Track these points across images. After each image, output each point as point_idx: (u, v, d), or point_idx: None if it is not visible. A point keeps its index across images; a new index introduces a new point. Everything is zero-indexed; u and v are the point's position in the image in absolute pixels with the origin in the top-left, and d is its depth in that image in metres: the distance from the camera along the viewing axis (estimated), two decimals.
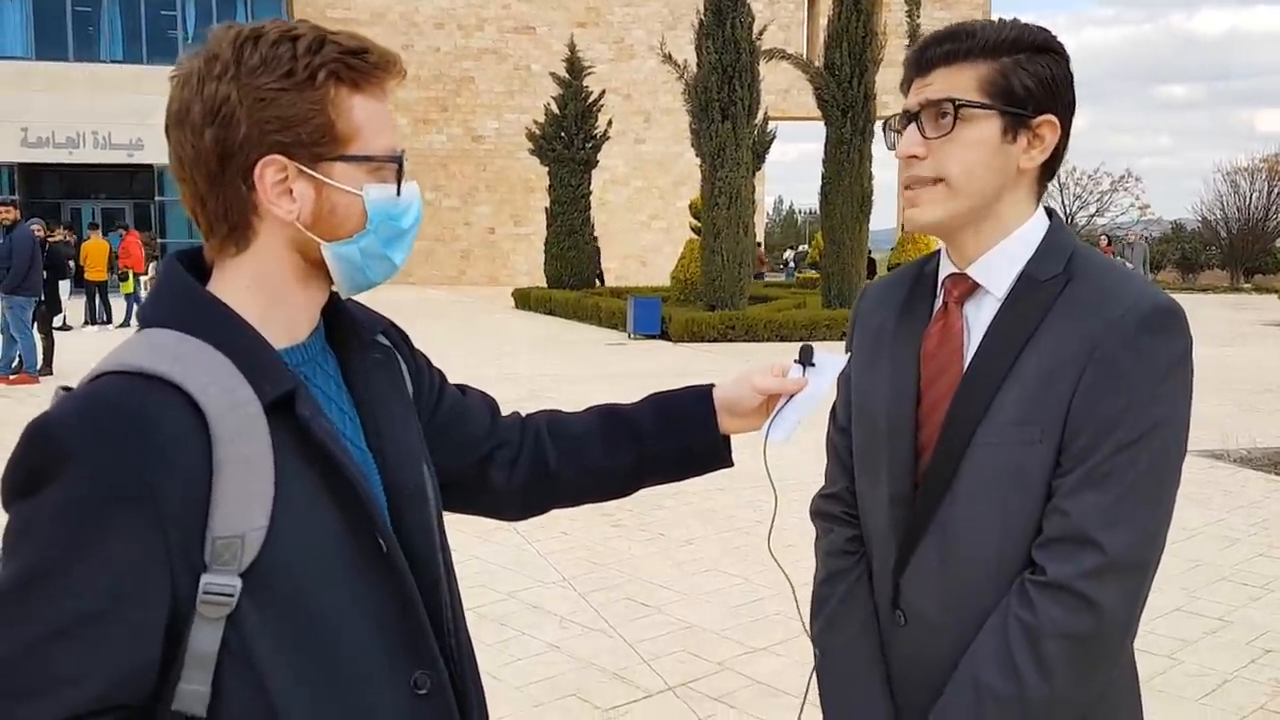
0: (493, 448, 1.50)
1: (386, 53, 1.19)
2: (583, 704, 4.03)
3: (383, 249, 1.22)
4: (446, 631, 1.27)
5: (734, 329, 18.20)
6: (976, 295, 1.44)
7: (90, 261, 20.03)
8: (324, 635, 1.12)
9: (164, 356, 1.09)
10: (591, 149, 27.59)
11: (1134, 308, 1.32)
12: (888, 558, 1.47)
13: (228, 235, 1.17)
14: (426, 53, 37.70)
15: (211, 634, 1.06)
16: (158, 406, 1.06)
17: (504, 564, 5.68)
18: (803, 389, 1.51)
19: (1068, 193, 46.50)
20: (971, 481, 1.37)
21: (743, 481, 1.51)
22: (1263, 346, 17.72)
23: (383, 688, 1.17)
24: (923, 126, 1.39)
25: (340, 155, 1.16)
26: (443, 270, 37.70)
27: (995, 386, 1.36)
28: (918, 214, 1.42)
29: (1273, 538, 6.31)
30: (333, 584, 1.13)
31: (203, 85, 1.12)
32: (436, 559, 1.27)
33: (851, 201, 19.41)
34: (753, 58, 19.29)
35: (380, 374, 1.31)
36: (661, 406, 1.58)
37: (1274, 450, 8.71)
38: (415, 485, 1.27)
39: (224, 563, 1.06)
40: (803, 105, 31.27)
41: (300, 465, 1.12)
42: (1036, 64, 1.37)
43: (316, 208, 1.16)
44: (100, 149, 31.70)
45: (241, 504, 1.07)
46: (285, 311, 1.20)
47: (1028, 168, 1.40)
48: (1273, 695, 4.12)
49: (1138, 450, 1.29)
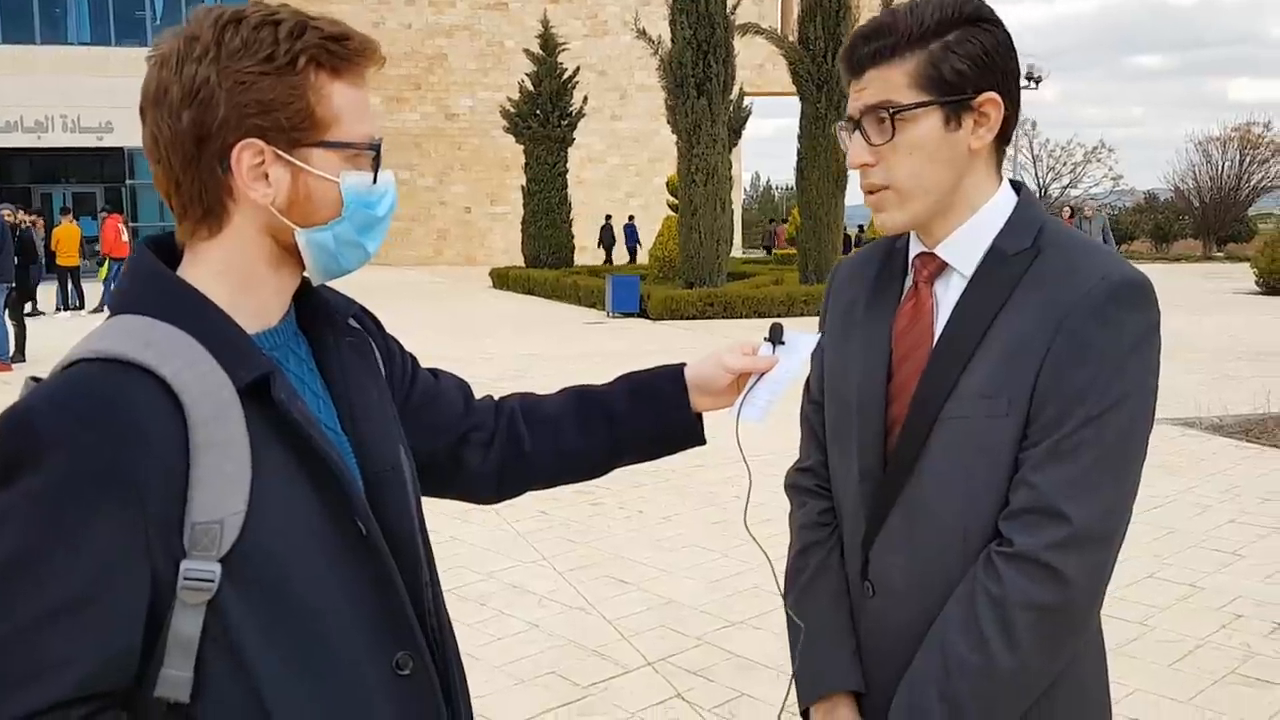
0: (467, 430, 1.51)
1: (367, 39, 1.19)
2: (562, 681, 4.06)
3: (357, 236, 1.22)
4: (427, 612, 1.27)
5: (712, 306, 18.22)
6: (945, 273, 1.44)
7: (62, 247, 19.81)
8: (305, 618, 1.13)
9: (137, 342, 1.09)
10: (567, 126, 27.50)
11: (1103, 280, 1.32)
12: (857, 529, 1.49)
13: (201, 218, 1.17)
14: (398, 29, 37.39)
15: (193, 619, 1.07)
16: (133, 392, 1.06)
17: (483, 544, 5.69)
18: (773, 367, 1.52)
19: (1041, 165, 46.71)
20: (939, 455, 1.38)
21: (721, 458, 1.53)
22: (1234, 315, 17.90)
23: (365, 669, 1.18)
24: (866, 133, 1.38)
25: (318, 141, 1.16)
26: (419, 250, 37.55)
27: (963, 361, 1.37)
28: (884, 219, 1.43)
29: (1243, 504, 6.39)
30: (313, 567, 1.14)
31: (182, 66, 1.12)
32: (415, 541, 1.28)
33: (827, 177, 19.43)
34: (727, 33, 19.22)
35: (354, 357, 1.31)
36: (634, 386, 1.59)
37: (1244, 417, 8.82)
38: (392, 467, 1.27)
39: (203, 548, 1.06)
40: (778, 80, 31.24)
41: (277, 449, 1.12)
42: (967, 42, 1.34)
43: (292, 193, 1.17)
44: (69, 132, 31.33)
45: (219, 489, 1.07)
46: (257, 296, 1.20)
47: (979, 147, 1.39)
48: (1243, 660, 4.19)
49: (1105, 422, 1.30)
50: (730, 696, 3.90)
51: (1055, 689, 1.38)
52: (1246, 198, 43.46)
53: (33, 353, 13.29)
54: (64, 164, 32.84)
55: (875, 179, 1.39)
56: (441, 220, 38.43)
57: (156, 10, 33.13)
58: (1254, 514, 6.20)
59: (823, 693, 1.51)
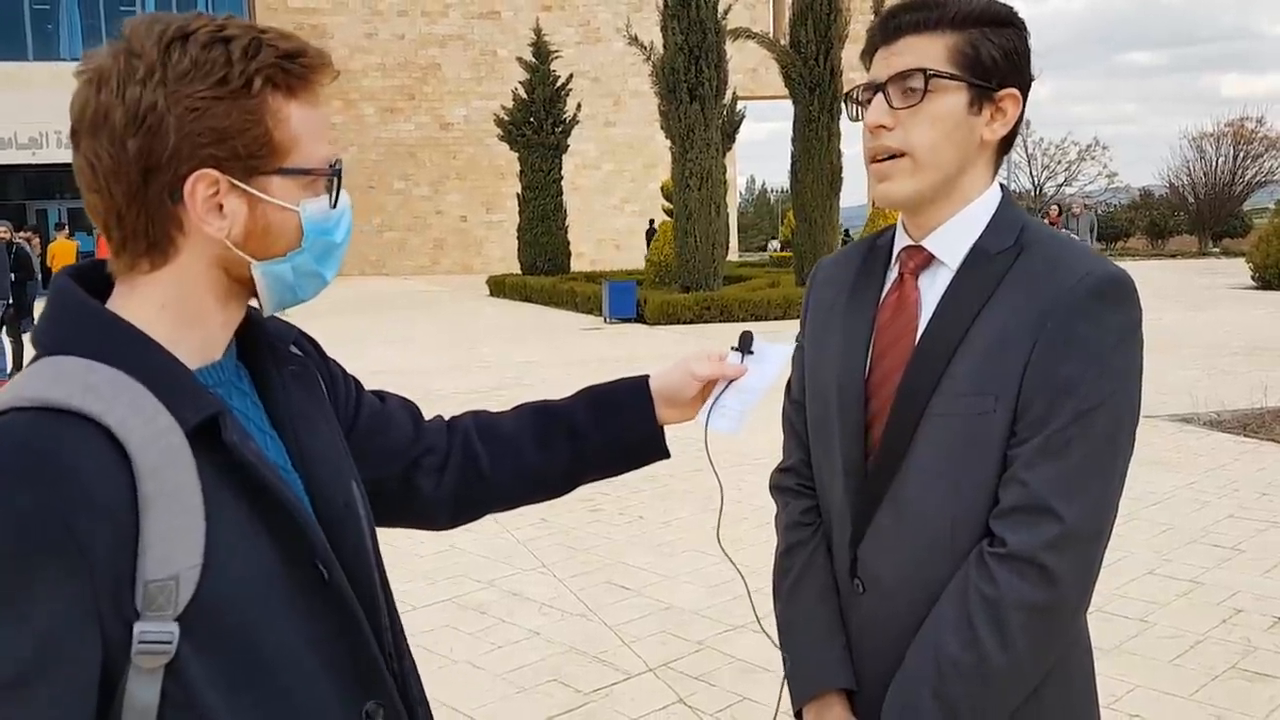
0: (418, 455, 1.43)
1: (321, 53, 1.11)
2: (564, 688, 4.05)
3: (315, 265, 1.14)
4: (389, 655, 1.21)
5: (709, 310, 18.23)
6: (932, 267, 1.46)
7: (58, 263, 19.81)
8: (269, 672, 1.06)
9: (74, 387, 0.99)
10: (561, 133, 27.53)
11: (1085, 278, 1.34)
12: (844, 527, 1.49)
13: (144, 252, 1.08)
14: (391, 40, 37.43)
15: (150, 686, 0.98)
16: (74, 443, 0.96)
17: (483, 552, 5.69)
18: (741, 376, 1.51)
19: (1035, 163, 46.75)
20: (926, 452, 1.39)
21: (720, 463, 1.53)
22: (1231, 310, 17.91)
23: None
24: (890, 97, 1.40)
25: (277, 169, 1.08)
26: (416, 260, 37.55)
27: (947, 357, 1.38)
28: (889, 188, 1.43)
29: (1242, 499, 6.40)
30: (274, 618, 1.06)
31: (123, 88, 1.03)
32: (373, 578, 1.21)
33: (821, 179, 19.45)
34: (719, 38, 19.25)
35: (299, 388, 1.23)
36: (596, 400, 1.53)
37: (1243, 412, 8.82)
38: (345, 504, 1.20)
39: (158, 608, 0.98)
40: (771, 84, 31.25)
41: (230, 495, 1.04)
42: (1002, 36, 1.39)
43: (249, 224, 1.08)
44: (64, 149, 30.05)
45: (172, 543, 0.98)
46: (201, 332, 1.11)
47: (990, 140, 1.42)
48: (1244, 655, 4.19)
49: (1092, 419, 1.31)
50: (732, 701, 3.90)
51: (1043, 686, 1.38)
52: (1241, 193, 43.49)
53: None
54: (59, 180, 32.79)
55: (891, 142, 1.41)
56: (438, 229, 38.42)
57: None
58: (1252, 509, 6.21)
59: (814, 692, 1.52)
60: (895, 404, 1.41)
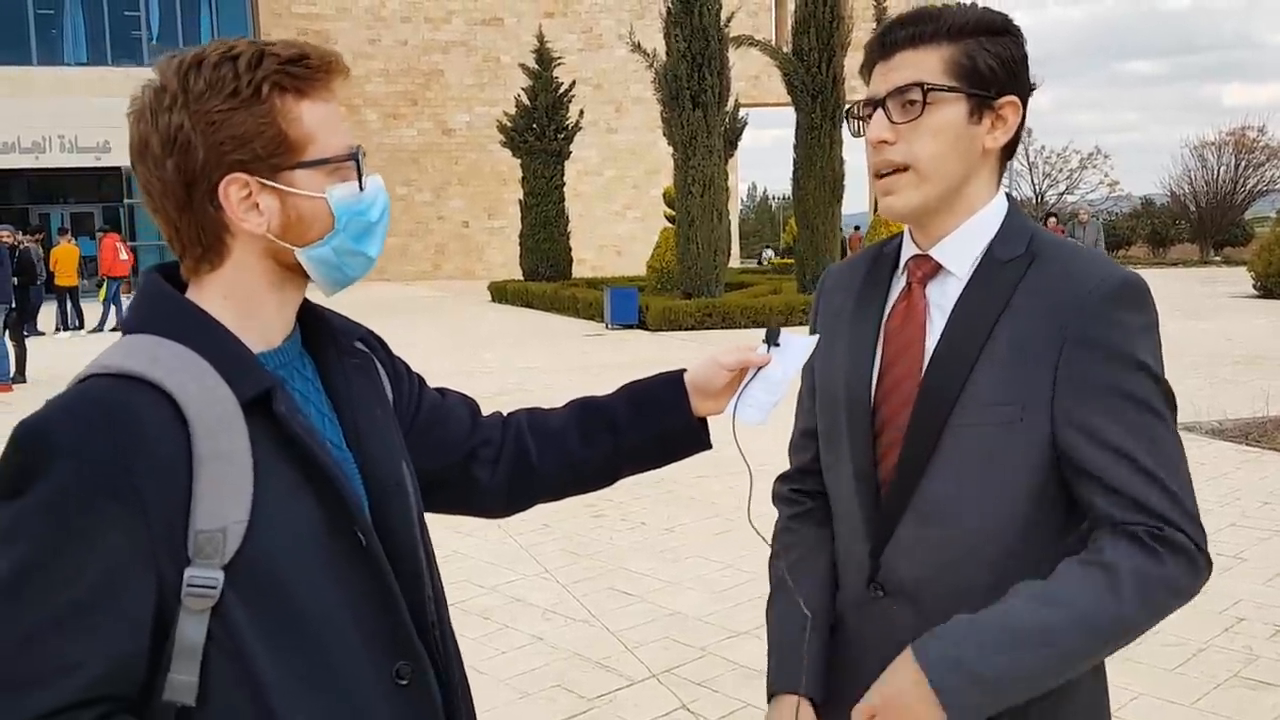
0: (475, 446, 1.53)
1: (326, 53, 1.21)
2: (568, 694, 4.06)
3: (355, 245, 1.25)
4: (431, 625, 1.30)
5: (711, 316, 18.24)
6: (939, 276, 1.47)
7: (60, 267, 19.83)
8: (306, 626, 1.15)
9: (144, 359, 1.13)
10: (564, 140, 27.58)
11: (1102, 283, 1.35)
12: (860, 536, 1.49)
13: (203, 255, 1.21)
14: (394, 46, 37.53)
15: (197, 626, 1.10)
16: (139, 404, 1.10)
17: (486, 558, 5.70)
18: (767, 364, 1.54)
19: (1037, 171, 46.77)
20: (951, 461, 1.39)
21: (724, 468, 1.54)
22: (1232, 319, 17.92)
23: (365, 677, 1.20)
24: (889, 112, 1.41)
25: (298, 163, 1.19)
26: (417, 265, 37.60)
27: (968, 367, 1.38)
28: (894, 202, 1.44)
29: (1244, 507, 6.40)
30: (313, 576, 1.16)
31: (156, 118, 1.16)
32: (418, 553, 1.31)
33: (823, 186, 19.48)
34: (721, 45, 19.29)
35: (358, 377, 1.34)
36: (635, 394, 1.61)
37: (1245, 421, 8.84)
38: (395, 482, 1.30)
39: (206, 556, 1.10)
40: (773, 91, 31.30)
41: (278, 461, 1.15)
42: (998, 45, 1.40)
43: (284, 217, 1.20)
44: (67, 152, 31.38)
45: (222, 498, 1.10)
46: (260, 318, 1.24)
47: (992, 148, 1.43)
48: (1246, 663, 4.20)
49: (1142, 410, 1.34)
50: (736, 707, 3.91)
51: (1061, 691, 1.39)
52: (1242, 201, 43.52)
53: (33, 373, 13.31)
54: (62, 184, 32.89)
55: (894, 156, 1.42)
56: (440, 235, 38.48)
57: (153, 30, 33.25)
58: (1255, 517, 6.21)
59: (773, 692, 1.58)
60: (916, 414, 1.41)
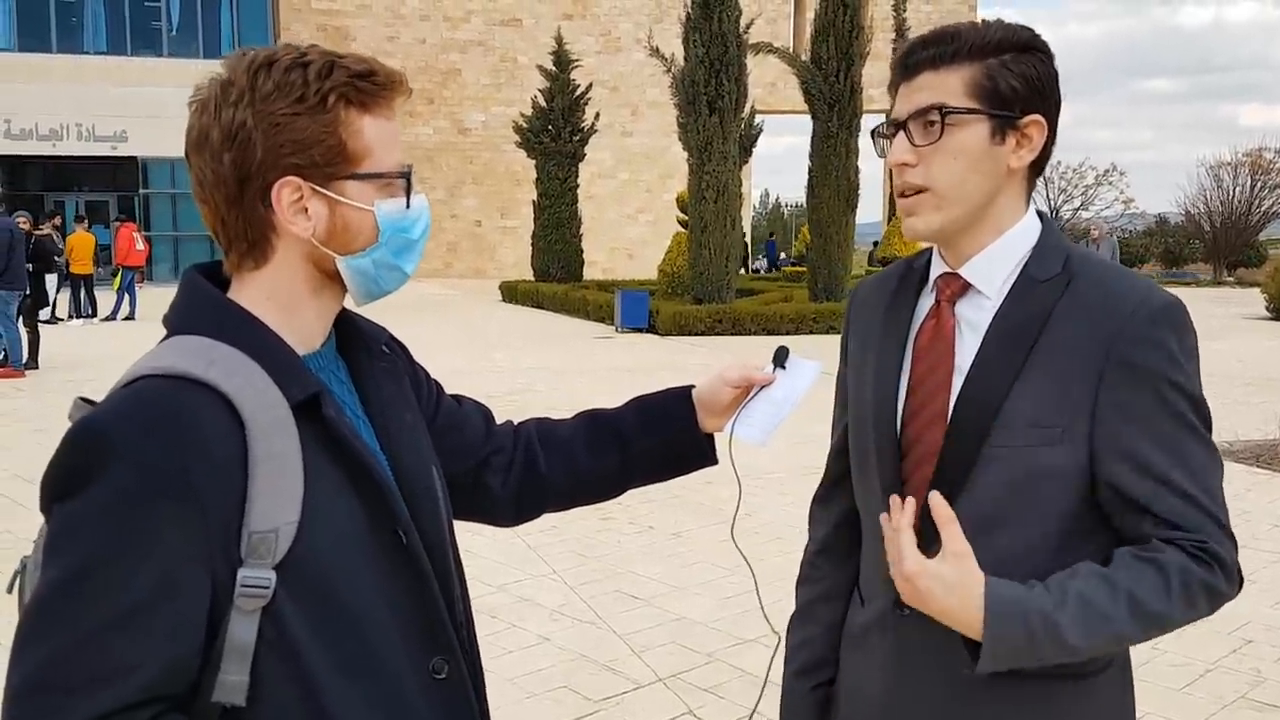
0: (488, 454, 1.56)
1: (393, 73, 1.24)
2: (573, 695, 4.07)
3: (394, 259, 1.27)
4: (460, 623, 1.33)
5: (721, 322, 18.24)
6: (969, 295, 1.46)
7: (75, 255, 19.90)
8: (352, 622, 1.18)
9: (200, 360, 1.14)
10: (579, 142, 27.58)
11: (1143, 305, 1.35)
12: (883, 549, 1.49)
13: (247, 251, 1.23)
14: (412, 45, 37.57)
15: (249, 626, 1.11)
16: (198, 406, 1.11)
17: (494, 557, 5.70)
18: (771, 384, 1.56)
19: (1053, 187, 46.66)
20: (989, 482, 1.38)
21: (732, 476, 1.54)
22: (1245, 339, 17.84)
23: (405, 673, 1.23)
24: (911, 134, 1.41)
25: (352, 174, 1.21)
26: (429, 263, 37.53)
27: (1007, 386, 1.37)
28: (916, 223, 1.44)
29: (1254, 529, 6.38)
30: (358, 574, 1.19)
31: (219, 111, 1.18)
32: (447, 554, 1.34)
33: (838, 195, 19.45)
34: (740, 51, 19.27)
35: (389, 381, 1.37)
36: (643, 407, 1.64)
37: (1256, 443, 8.80)
38: (425, 485, 1.33)
39: (259, 556, 1.11)
40: (789, 99, 31.30)
41: (325, 463, 1.18)
42: (1022, 64, 1.39)
43: (330, 224, 1.22)
44: (84, 141, 31.47)
45: (275, 500, 1.12)
46: (301, 321, 1.26)
47: (1017, 168, 1.42)
48: (1254, 685, 4.19)
49: (1184, 432, 1.35)
50: (741, 714, 3.90)
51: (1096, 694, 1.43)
52: (1258, 222, 43.31)
53: (46, 360, 13.36)
54: (78, 172, 32.98)
55: (915, 179, 1.42)
56: (452, 233, 38.50)
57: (172, 21, 33.35)
58: (1264, 539, 6.20)
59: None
60: (951, 433, 1.40)
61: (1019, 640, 1.28)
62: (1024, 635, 1.28)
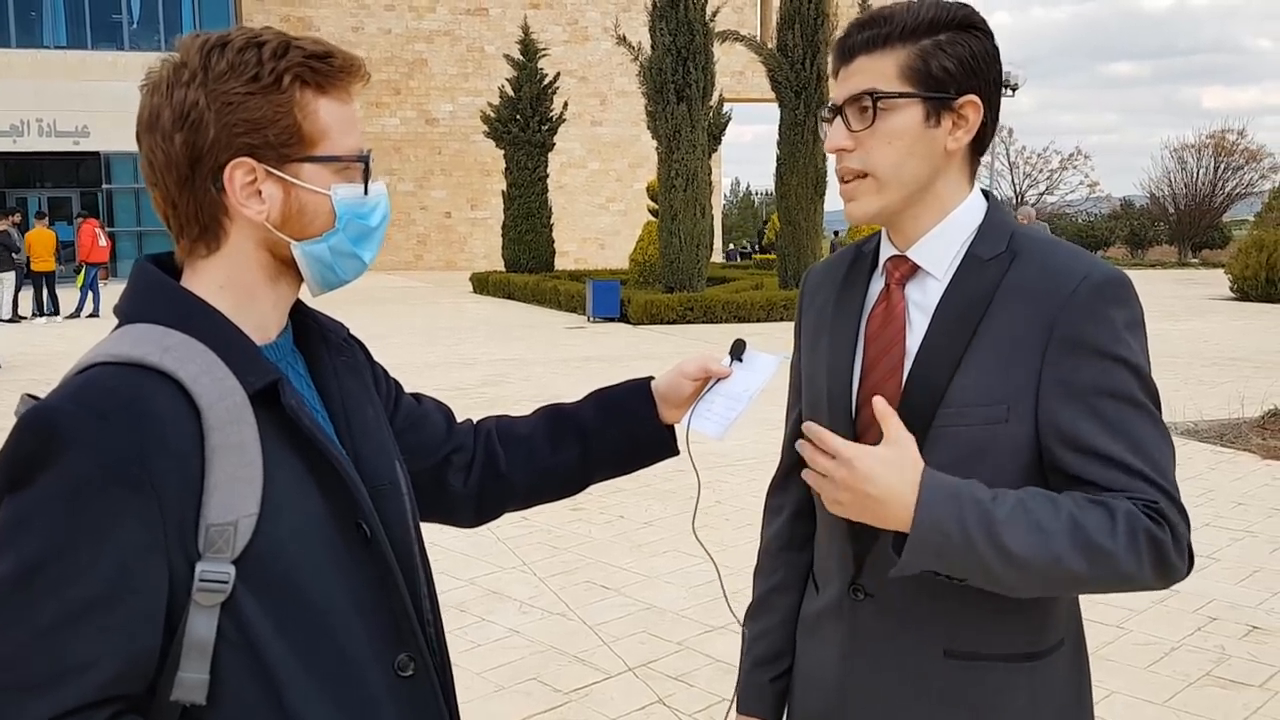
0: (449, 453, 1.54)
1: (350, 57, 1.22)
2: (544, 687, 4.06)
3: (352, 247, 1.24)
4: (426, 620, 1.30)
5: (693, 310, 18.26)
6: (918, 276, 1.45)
7: (35, 252, 19.63)
8: (315, 618, 1.15)
9: (154, 347, 1.11)
10: (548, 131, 27.49)
11: (1085, 280, 1.34)
12: (842, 540, 1.48)
13: (198, 236, 1.19)
14: (378, 35, 37.28)
15: (208, 622, 1.08)
16: (153, 393, 1.07)
17: (463, 550, 5.68)
18: (727, 376, 1.56)
19: (1018, 171, 47.02)
20: (939, 462, 1.35)
21: (701, 463, 1.55)
22: (1208, 320, 18.06)
23: (369, 669, 1.20)
24: (847, 119, 1.40)
25: (307, 156, 1.19)
26: (399, 255, 37.39)
27: (952, 367, 1.37)
28: (854, 208, 1.44)
29: (1218, 508, 6.46)
30: (320, 568, 1.16)
31: (171, 91, 1.15)
32: (413, 550, 1.31)
33: (806, 182, 19.51)
34: (706, 40, 19.27)
35: (349, 375, 1.34)
36: (602, 401, 1.63)
37: (1219, 422, 8.90)
38: (389, 480, 1.30)
39: (217, 550, 1.08)
40: (757, 87, 31.35)
41: (285, 454, 1.14)
42: (957, 44, 1.37)
43: (285, 208, 1.19)
44: (45, 136, 31.07)
45: (234, 491, 1.09)
46: (256, 310, 1.22)
47: (954, 149, 1.41)
48: (1218, 662, 4.24)
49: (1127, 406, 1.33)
50: (711, 702, 3.91)
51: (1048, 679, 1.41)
52: (1221, 204, 43.86)
53: (10, 358, 13.17)
54: (39, 168, 32.55)
55: (852, 164, 1.41)
56: (422, 225, 38.30)
57: (133, 14, 32.92)
58: (1228, 518, 6.27)
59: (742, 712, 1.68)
60: (903, 416, 1.37)
61: (950, 525, 1.25)
62: (956, 520, 1.25)
